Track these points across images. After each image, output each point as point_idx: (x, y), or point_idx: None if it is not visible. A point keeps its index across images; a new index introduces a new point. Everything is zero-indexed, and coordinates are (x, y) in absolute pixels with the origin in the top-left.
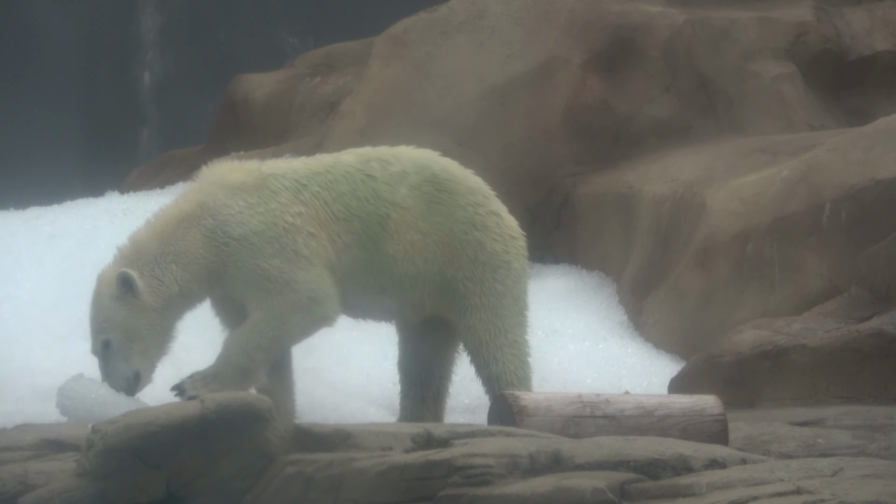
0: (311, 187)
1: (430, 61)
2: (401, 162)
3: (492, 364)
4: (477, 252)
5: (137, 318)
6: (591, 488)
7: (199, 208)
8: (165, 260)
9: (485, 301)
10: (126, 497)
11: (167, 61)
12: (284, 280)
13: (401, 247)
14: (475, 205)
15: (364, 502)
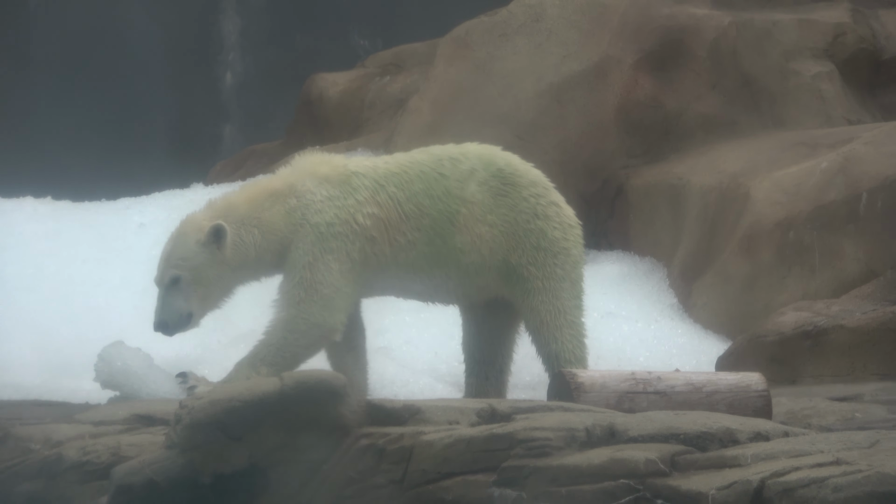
0: (388, 188)
1: (490, 61)
2: (469, 159)
3: (551, 343)
4: (539, 239)
5: (212, 268)
6: (643, 459)
7: (288, 188)
8: (250, 224)
9: (546, 285)
10: (211, 468)
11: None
12: (320, 280)
13: (468, 239)
14: (536, 196)
15: (432, 472)
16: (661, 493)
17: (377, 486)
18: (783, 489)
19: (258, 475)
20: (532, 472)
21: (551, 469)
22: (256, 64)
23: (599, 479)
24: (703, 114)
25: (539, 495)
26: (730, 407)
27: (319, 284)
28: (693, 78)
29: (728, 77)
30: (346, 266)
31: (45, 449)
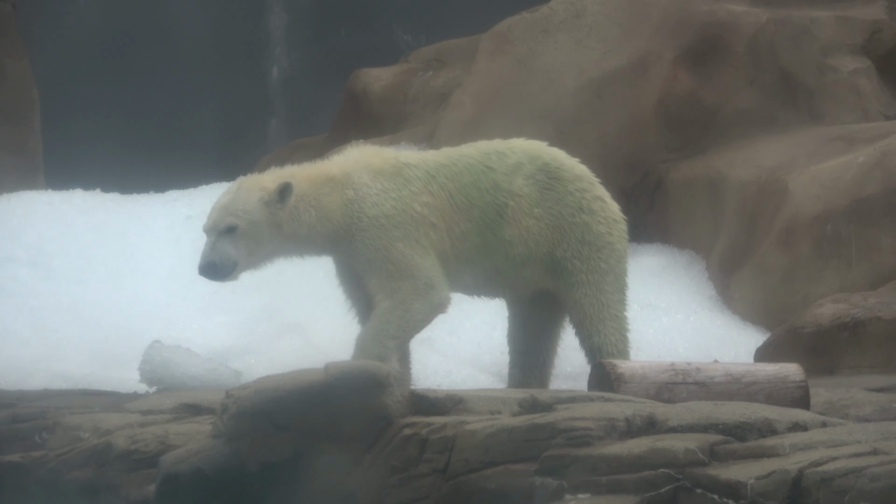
0: (439, 178)
1: (532, 57)
2: (515, 153)
3: (594, 336)
4: (584, 233)
5: (267, 227)
6: (683, 449)
7: (345, 178)
8: (308, 203)
9: (590, 278)
10: (257, 456)
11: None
12: (405, 265)
13: (516, 232)
14: (582, 190)
15: (475, 462)
16: (701, 482)
17: (420, 476)
18: (821, 479)
19: (303, 464)
20: (573, 462)
21: (592, 458)
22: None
23: (639, 469)
24: (742, 109)
25: (580, 484)
26: (768, 397)
27: (406, 270)
28: (732, 73)
29: (766, 73)
30: (419, 250)
31: (94, 438)
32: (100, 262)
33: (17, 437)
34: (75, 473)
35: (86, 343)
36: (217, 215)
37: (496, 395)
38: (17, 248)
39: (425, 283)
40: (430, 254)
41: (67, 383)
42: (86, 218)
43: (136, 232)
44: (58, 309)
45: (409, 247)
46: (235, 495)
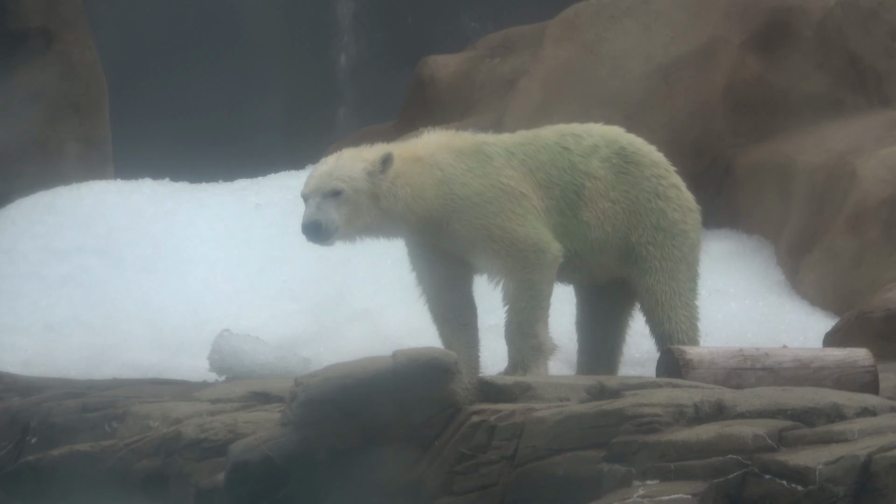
0: (518, 155)
1: (599, 43)
2: (592, 136)
3: (665, 323)
4: (659, 219)
5: (367, 198)
6: (751, 435)
7: (431, 159)
8: (403, 181)
9: (663, 265)
10: (325, 444)
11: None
12: (507, 239)
13: (594, 214)
14: (658, 177)
15: (543, 449)
16: (769, 468)
17: (488, 463)
18: (890, 464)
19: (371, 452)
20: (641, 448)
21: (660, 445)
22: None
23: (708, 455)
24: (810, 93)
25: (648, 471)
26: (837, 382)
27: (513, 243)
28: (799, 58)
29: (834, 57)
30: (518, 219)
31: (164, 426)
32: (169, 252)
33: (86, 427)
34: (144, 462)
35: (155, 332)
36: (320, 179)
37: (564, 381)
38: (86, 237)
39: (533, 250)
40: (527, 219)
41: (137, 372)
42: (155, 207)
43: (205, 221)
44: (127, 298)
45: (507, 219)
46: (304, 483)
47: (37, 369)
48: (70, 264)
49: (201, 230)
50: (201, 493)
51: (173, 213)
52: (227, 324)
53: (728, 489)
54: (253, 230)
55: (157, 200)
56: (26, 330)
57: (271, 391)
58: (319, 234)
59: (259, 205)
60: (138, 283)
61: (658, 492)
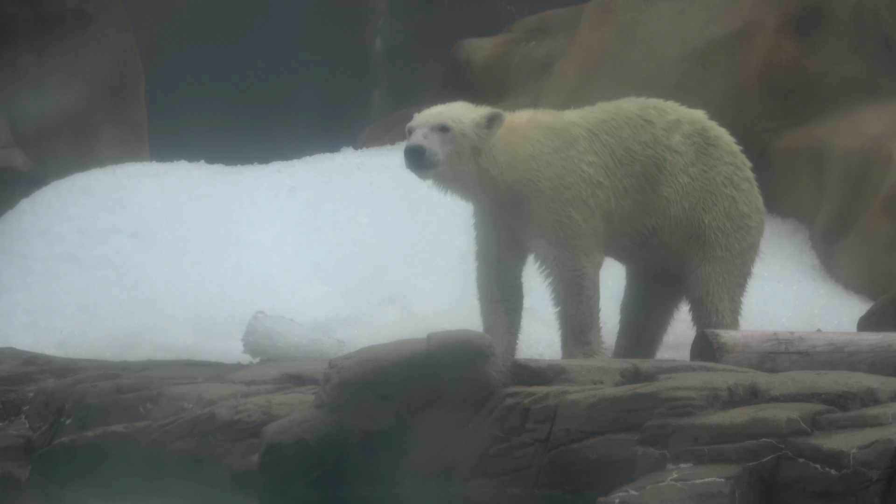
0: (601, 136)
1: (634, 26)
2: (676, 112)
3: (712, 314)
4: (730, 207)
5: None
6: (785, 419)
7: (525, 132)
8: (502, 148)
9: (723, 255)
10: (359, 426)
11: (396, 28)
12: (571, 232)
13: (673, 189)
14: (735, 165)
15: (577, 432)
16: (803, 451)
17: (522, 445)
18: None
19: (405, 434)
20: (675, 431)
21: (694, 428)
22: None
23: (741, 438)
24: (845, 77)
25: (681, 454)
26: (871, 367)
27: (573, 238)
28: (835, 41)
29: (870, 40)
30: (585, 212)
31: (198, 408)
32: (204, 234)
33: (121, 408)
34: (178, 443)
35: (189, 314)
36: (431, 115)
37: (598, 364)
38: (121, 219)
39: (584, 251)
40: (594, 215)
41: (171, 354)
42: (190, 189)
43: (240, 203)
44: (161, 280)
45: (577, 209)
46: (338, 465)
47: (71, 351)
48: (105, 246)
49: (236, 212)
50: (235, 474)
51: (208, 195)
52: (261, 306)
53: (762, 473)
54: (287, 212)
55: (192, 183)
56: (61, 312)
57: (305, 373)
58: (421, 161)
59: (293, 187)
60: (173, 266)
61: (692, 475)
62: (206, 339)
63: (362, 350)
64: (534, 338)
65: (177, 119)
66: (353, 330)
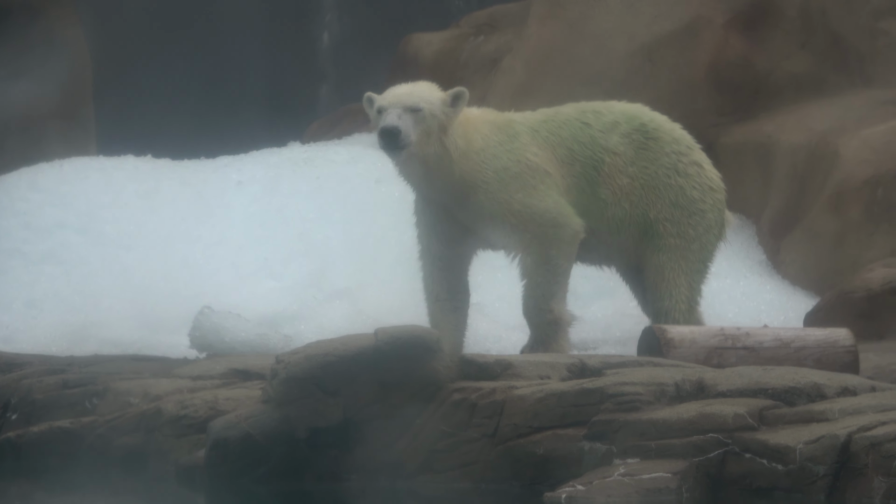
0: (542, 133)
1: (583, 21)
2: (613, 113)
3: (665, 299)
4: (678, 196)
5: (438, 126)
6: (732, 414)
7: (475, 126)
8: (460, 133)
9: (676, 242)
10: (306, 422)
11: (344, 22)
12: (528, 214)
13: (611, 191)
14: (678, 153)
15: (524, 427)
16: (750, 447)
17: (469, 440)
18: (870, 443)
19: (352, 430)
20: (622, 426)
21: (641, 423)
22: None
23: (688, 434)
24: (793, 73)
25: (628, 449)
26: (817, 362)
27: (532, 218)
28: (783, 37)
29: (817, 36)
30: (538, 195)
31: (144, 403)
32: (150, 229)
33: (67, 403)
34: (125, 439)
35: (136, 309)
36: (401, 94)
37: (545, 360)
38: (68, 214)
39: (552, 224)
40: (549, 194)
41: (117, 349)
42: (137, 184)
43: (187, 198)
44: (108, 275)
45: (528, 195)
46: (285, 460)
47: (17, 346)
48: (51, 241)
49: (182, 207)
50: (181, 469)
51: (155, 190)
52: (208, 301)
53: (708, 468)
54: (234, 207)
55: (139, 177)
56: (7, 306)
57: (252, 368)
58: (395, 141)
59: (241, 182)
60: (119, 260)
61: (638, 470)
62: (152, 333)
63: (309, 345)
64: (481, 333)
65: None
66: (300, 325)
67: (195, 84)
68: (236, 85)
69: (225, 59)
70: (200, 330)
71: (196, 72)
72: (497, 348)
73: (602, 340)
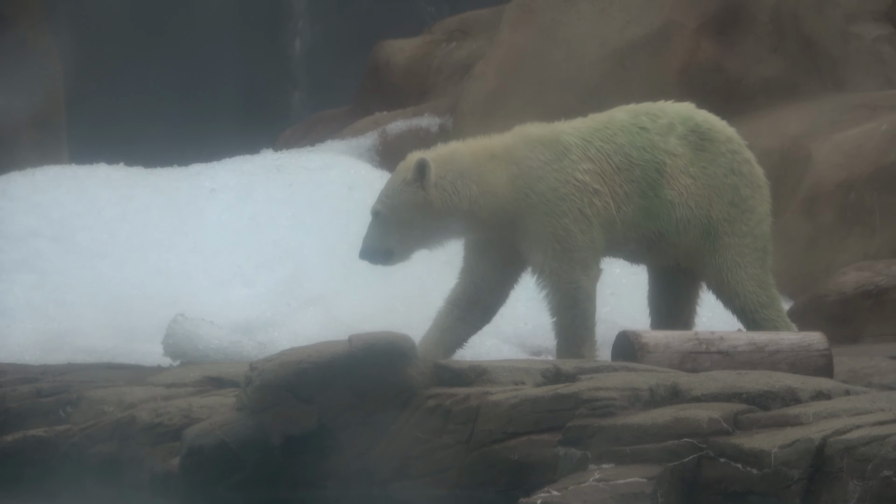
0: (595, 142)
1: (555, 27)
2: (667, 115)
3: (734, 299)
4: (733, 195)
5: (413, 208)
6: (706, 418)
7: (506, 153)
8: (470, 178)
9: (732, 241)
10: (281, 429)
11: (316, 29)
12: (567, 245)
13: (676, 192)
14: (732, 152)
15: (498, 432)
16: (725, 451)
17: (444, 447)
18: (844, 447)
19: (327, 436)
20: (596, 432)
21: (615, 428)
22: (325, 31)
23: (663, 438)
24: (765, 77)
25: (603, 454)
26: (792, 366)
27: (569, 251)
28: (755, 42)
29: (789, 40)
30: (583, 224)
31: (118, 411)
32: (123, 237)
33: (41, 412)
34: (99, 447)
35: (109, 317)
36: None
37: (519, 365)
38: (40, 222)
39: (581, 264)
40: (592, 225)
41: (91, 357)
42: (109, 192)
43: (160, 206)
44: (81, 284)
45: (574, 221)
46: (259, 467)
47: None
48: (24, 249)
49: (155, 215)
50: (156, 477)
51: (128, 198)
52: (182, 308)
53: (683, 472)
54: (207, 215)
55: (112, 185)
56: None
57: (226, 376)
58: (372, 259)
59: (213, 189)
60: (92, 269)
61: (613, 475)
62: (126, 341)
63: (283, 352)
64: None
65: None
66: (273, 332)
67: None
68: (208, 93)
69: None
70: (174, 338)
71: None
72: (471, 354)
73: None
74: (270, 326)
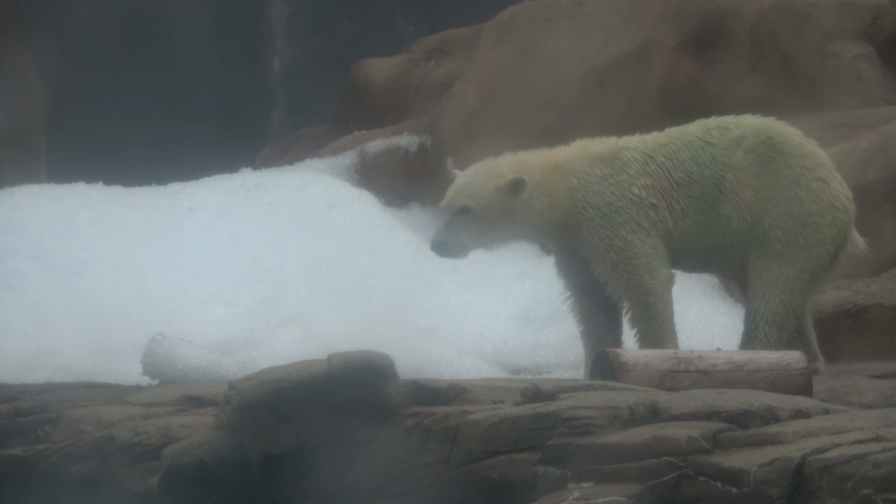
0: (657, 158)
1: (534, 46)
2: (740, 128)
3: (759, 297)
4: (793, 207)
5: (498, 214)
6: (686, 437)
7: (568, 166)
8: (541, 192)
9: (784, 250)
10: (260, 448)
11: (295, 48)
12: (627, 254)
13: (734, 205)
14: (803, 167)
15: (478, 451)
16: (704, 470)
17: (423, 466)
18: (824, 466)
19: (306, 455)
20: (576, 451)
21: (595, 447)
22: (304, 50)
23: (642, 457)
24: (744, 96)
25: (583, 473)
26: (771, 385)
27: (630, 259)
28: (733, 60)
29: (768, 59)
30: (641, 234)
31: (97, 430)
32: (102, 256)
33: (19, 431)
34: (78, 466)
35: (88, 336)
36: (453, 195)
37: (499, 384)
38: (19, 241)
39: (646, 268)
40: (650, 235)
41: (70, 376)
42: (88, 211)
43: (139, 225)
44: (60, 302)
45: (631, 232)
46: (239, 487)
47: None
48: (3, 268)
49: (134, 234)
50: (135, 497)
51: (106, 217)
52: (161, 327)
53: (662, 491)
54: (186, 234)
55: (91, 204)
56: None
57: (205, 395)
58: (446, 253)
59: (192, 208)
60: (71, 287)
61: (593, 494)
62: (105, 360)
63: (262, 371)
64: (434, 358)
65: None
66: (252, 351)
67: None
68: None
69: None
70: (153, 357)
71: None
72: (450, 373)
73: (555, 364)
74: (250, 345)
